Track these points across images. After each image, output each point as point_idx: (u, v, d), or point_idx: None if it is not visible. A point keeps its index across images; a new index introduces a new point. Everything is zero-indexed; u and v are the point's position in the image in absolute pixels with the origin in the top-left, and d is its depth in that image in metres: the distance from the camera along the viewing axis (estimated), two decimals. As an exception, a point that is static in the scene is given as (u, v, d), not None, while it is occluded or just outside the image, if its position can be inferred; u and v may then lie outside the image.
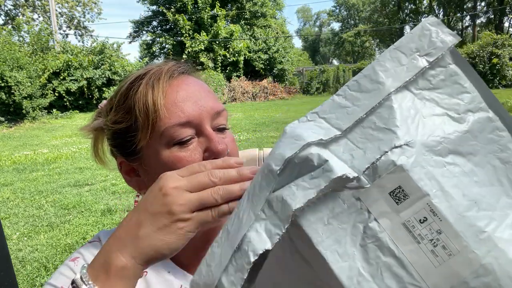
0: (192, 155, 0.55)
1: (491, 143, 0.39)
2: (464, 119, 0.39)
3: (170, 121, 0.54)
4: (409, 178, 0.35)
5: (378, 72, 0.39)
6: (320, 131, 0.39)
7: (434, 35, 0.39)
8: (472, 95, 0.40)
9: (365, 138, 0.38)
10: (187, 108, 0.55)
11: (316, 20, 71.40)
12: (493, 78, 20.12)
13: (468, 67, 0.41)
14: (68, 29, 29.63)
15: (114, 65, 16.63)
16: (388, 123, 0.38)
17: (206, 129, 0.56)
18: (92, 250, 0.63)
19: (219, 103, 0.61)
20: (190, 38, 20.96)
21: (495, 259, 0.34)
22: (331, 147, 0.38)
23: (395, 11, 46.07)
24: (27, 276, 2.67)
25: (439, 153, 0.37)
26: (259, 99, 20.14)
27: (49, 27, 19.14)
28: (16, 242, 3.25)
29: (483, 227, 0.35)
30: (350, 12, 56.79)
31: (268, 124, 10.29)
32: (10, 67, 12.01)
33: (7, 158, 6.98)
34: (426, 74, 0.40)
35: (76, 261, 0.61)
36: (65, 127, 11.64)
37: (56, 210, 4.03)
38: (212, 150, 0.55)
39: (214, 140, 0.55)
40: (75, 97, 15.84)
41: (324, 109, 0.41)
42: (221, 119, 0.60)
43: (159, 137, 0.55)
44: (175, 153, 0.55)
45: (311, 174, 0.36)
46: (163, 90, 0.56)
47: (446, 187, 0.36)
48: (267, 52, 22.11)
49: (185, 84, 0.58)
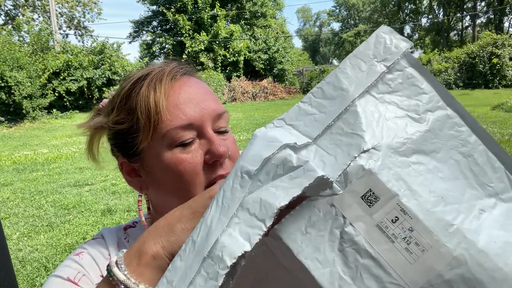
0: (193, 157, 0.55)
1: (452, 139, 0.41)
2: (424, 119, 0.41)
3: (172, 124, 0.55)
4: (378, 181, 0.37)
5: (341, 79, 0.41)
6: (291, 137, 0.39)
7: (388, 42, 0.42)
8: (429, 95, 0.42)
9: (335, 144, 0.39)
10: (188, 111, 0.56)
11: (316, 20, 71.41)
12: (493, 78, 20.12)
13: (423, 70, 0.43)
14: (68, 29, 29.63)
15: (114, 65, 16.63)
16: (355, 128, 0.39)
17: (207, 132, 0.57)
18: (96, 246, 0.63)
19: (221, 105, 0.61)
20: (190, 38, 20.96)
21: (466, 250, 0.36)
22: (303, 153, 0.39)
23: (395, 11, 46.05)
24: (27, 276, 2.67)
25: (404, 153, 0.39)
26: (259, 99, 20.13)
27: (49, 27, 19.14)
28: (16, 242, 3.25)
29: (451, 220, 0.37)
30: (350, 12, 56.78)
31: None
32: (10, 67, 12.01)
33: (7, 158, 6.98)
34: (385, 78, 0.42)
35: (81, 255, 0.61)
36: (65, 127, 11.64)
37: (56, 210, 4.03)
38: (213, 153, 0.55)
39: (215, 142, 0.56)
40: (75, 97, 15.84)
41: (291, 116, 0.41)
42: (222, 122, 0.60)
43: (161, 138, 0.56)
44: (176, 155, 0.55)
45: (290, 175, 0.36)
46: (165, 91, 0.56)
47: (413, 185, 0.37)
48: (267, 52, 22.11)
49: (187, 85, 0.58)
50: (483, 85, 20.38)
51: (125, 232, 0.67)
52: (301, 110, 0.41)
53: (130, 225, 0.69)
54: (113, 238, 0.65)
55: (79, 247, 0.64)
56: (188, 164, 0.55)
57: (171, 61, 0.63)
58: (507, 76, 19.97)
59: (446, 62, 22.17)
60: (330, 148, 0.39)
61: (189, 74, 0.62)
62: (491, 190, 0.40)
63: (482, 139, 0.42)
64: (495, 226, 0.38)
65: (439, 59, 22.55)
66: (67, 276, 0.56)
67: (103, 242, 0.64)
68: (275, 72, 22.50)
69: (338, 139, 0.39)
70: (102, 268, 0.60)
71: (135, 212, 3.80)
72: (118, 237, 0.66)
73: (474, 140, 0.42)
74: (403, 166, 0.38)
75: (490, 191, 0.40)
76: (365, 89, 0.41)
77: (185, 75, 0.61)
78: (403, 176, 0.38)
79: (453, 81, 21.36)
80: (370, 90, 0.41)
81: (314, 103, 0.41)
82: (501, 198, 0.40)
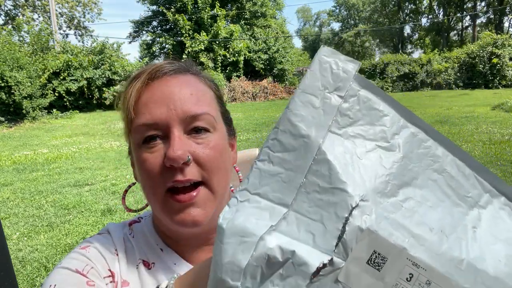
0: (154, 157, 0.55)
1: (424, 158, 0.38)
2: (394, 145, 0.38)
3: (138, 121, 0.56)
4: (380, 239, 0.33)
5: (297, 123, 0.36)
6: (262, 213, 0.34)
7: (335, 66, 0.38)
8: (390, 116, 0.38)
9: (316, 206, 0.34)
10: (155, 110, 0.55)
11: (316, 20, 71.40)
12: (493, 78, 20.12)
13: (375, 88, 0.39)
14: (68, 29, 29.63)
15: (114, 65, 16.63)
16: (332, 180, 0.34)
17: (171, 133, 0.55)
18: (103, 240, 0.63)
19: (201, 106, 0.57)
20: (190, 38, 20.96)
21: (483, 284, 0.34)
22: (283, 229, 0.33)
23: (395, 11, 46.03)
24: (27, 276, 2.67)
25: (392, 193, 0.35)
26: (259, 99, 20.13)
27: (49, 27, 19.14)
28: (16, 242, 3.25)
29: (459, 255, 0.34)
30: (350, 12, 56.76)
31: (268, 124, 10.29)
32: (10, 67, 12.00)
33: (7, 158, 6.98)
34: (342, 109, 0.37)
35: (87, 249, 0.60)
36: (65, 127, 11.64)
37: (56, 210, 4.03)
38: (168, 156, 0.53)
39: (171, 145, 0.53)
40: (75, 97, 15.84)
41: (253, 182, 0.35)
42: (199, 123, 0.57)
43: (132, 135, 0.58)
44: (142, 153, 0.57)
45: (279, 273, 0.32)
46: (139, 89, 0.58)
47: (414, 229, 0.34)
48: (267, 52, 22.11)
49: (164, 85, 0.58)
50: (483, 85, 20.38)
51: (130, 228, 0.67)
52: (263, 172, 0.35)
53: (135, 220, 0.70)
54: (119, 234, 0.65)
55: (85, 241, 0.63)
56: (149, 164, 0.55)
57: (167, 60, 0.63)
58: (507, 76, 19.97)
59: (446, 62, 22.17)
60: (312, 213, 0.34)
61: (179, 73, 0.60)
62: (471, 200, 0.38)
63: (446, 147, 0.39)
64: (491, 241, 0.36)
65: (439, 59, 22.54)
66: (76, 268, 0.55)
67: (109, 237, 0.64)
68: (275, 72, 22.49)
69: (318, 199, 0.34)
70: (110, 263, 0.60)
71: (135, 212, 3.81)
72: (123, 233, 0.66)
73: (442, 152, 0.39)
74: (396, 210, 0.35)
75: (471, 201, 0.38)
76: (327, 130, 0.36)
77: (172, 74, 0.60)
78: (401, 221, 0.34)
79: (453, 81, 21.35)
80: (331, 128, 0.36)
81: (275, 160, 0.35)
82: (480, 205, 0.38)
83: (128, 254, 0.62)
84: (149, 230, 0.66)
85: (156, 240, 0.64)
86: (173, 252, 0.63)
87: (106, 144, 8.23)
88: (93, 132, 10.25)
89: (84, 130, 10.82)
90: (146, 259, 0.62)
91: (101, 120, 13.07)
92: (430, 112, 10.99)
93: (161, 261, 0.62)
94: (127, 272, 0.60)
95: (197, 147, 0.56)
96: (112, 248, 0.62)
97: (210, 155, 0.57)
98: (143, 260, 0.62)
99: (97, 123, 12.28)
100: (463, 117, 9.37)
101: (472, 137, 6.73)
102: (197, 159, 0.55)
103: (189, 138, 0.56)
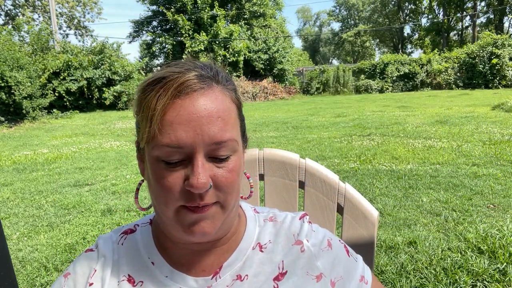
0: (173, 178, 0.54)
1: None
2: None
3: (161, 140, 0.54)
4: None
5: None
6: None
7: None
8: None
9: None
10: (181, 132, 0.54)
11: (316, 20, 71.39)
12: (493, 78, 20.12)
13: None
14: (68, 29, 29.64)
15: (114, 65, 16.62)
16: None
17: (195, 158, 0.54)
18: (85, 263, 0.64)
19: (226, 131, 0.56)
20: (190, 38, 20.97)
21: None
22: None
23: (395, 11, 46.03)
24: (27, 276, 2.67)
25: None
26: (259, 99, 20.14)
27: (49, 27, 19.14)
28: (16, 242, 3.25)
29: None
30: (350, 12, 56.76)
31: (268, 124, 10.29)
32: (10, 67, 12.01)
33: (7, 158, 6.98)
34: None
35: (67, 278, 0.62)
36: (65, 127, 11.64)
37: (56, 210, 4.03)
38: (190, 183, 0.53)
39: (194, 173, 0.53)
40: (75, 97, 15.85)
41: None
42: (223, 150, 0.56)
43: (151, 148, 0.56)
44: (161, 169, 0.55)
45: None
46: (164, 106, 0.54)
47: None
48: (267, 52, 22.12)
49: (191, 105, 0.55)
50: (483, 85, 20.39)
51: (122, 237, 0.67)
52: None
53: (131, 228, 0.69)
54: (108, 247, 0.65)
55: (71, 264, 0.65)
56: (167, 182, 0.54)
57: (198, 67, 0.59)
58: (507, 76, 19.97)
59: (446, 62, 22.17)
60: None
61: (208, 88, 0.57)
62: None
63: None
64: None
65: (439, 59, 22.55)
66: None
67: (94, 256, 0.65)
68: (275, 72, 22.50)
69: None
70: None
71: (135, 212, 3.80)
72: (112, 245, 0.66)
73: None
74: None
75: None
76: None
77: (201, 90, 0.56)
78: None
79: (453, 81, 21.36)
80: None
81: None
82: None
83: (112, 271, 0.63)
84: (144, 239, 0.66)
85: (148, 252, 0.64)
86: (164, 263, 0.63)
87: (106, 144, 8.23)
88: (93, 132, 10.25)
89: (84, 130, 10.82)
90: (132, 275, 0.62)
91: (101, 120, 13.07)
92: (430, 112, 10.99)
93: (150, 277, 0.62)
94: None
95: (217, 171, 0.56)
96: (91, 272, 0.62)
97: (229, 179, 0.57)
98: (128, 275, 0.62)
99: (97, 123, 12.28)
100: (463, 117, 9.37)
101: (472, 137, 6.73)
102: (216, 183, 0.55)
103: (210, 161, 0.56)
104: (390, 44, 49.03)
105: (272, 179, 1.01)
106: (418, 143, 6.51)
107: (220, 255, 0.63)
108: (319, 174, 0.97)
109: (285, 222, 0.69)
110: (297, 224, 0.69)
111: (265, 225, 0.69)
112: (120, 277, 0.61)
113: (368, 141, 6.91)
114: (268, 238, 0.67)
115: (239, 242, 0.65)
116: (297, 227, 0.68)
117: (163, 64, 0.62)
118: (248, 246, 0.65)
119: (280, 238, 0.67)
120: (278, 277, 0.62)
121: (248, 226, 0.68)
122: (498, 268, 2.28)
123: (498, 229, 2.83)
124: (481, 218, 3.13)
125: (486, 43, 20.59)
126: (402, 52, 41.47)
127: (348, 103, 16.13)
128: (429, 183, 4.19)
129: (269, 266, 0.63)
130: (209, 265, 0.62)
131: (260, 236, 0.67)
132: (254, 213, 0.71)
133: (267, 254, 0.65)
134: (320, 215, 0.97)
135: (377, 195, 3.88)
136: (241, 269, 0.62)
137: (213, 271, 0.62)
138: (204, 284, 0.61)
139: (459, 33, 42.38)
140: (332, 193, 0.96)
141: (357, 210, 0.93)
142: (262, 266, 0.63)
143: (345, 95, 21.52)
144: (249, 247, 0.65)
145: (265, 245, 0.66)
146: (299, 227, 0.68)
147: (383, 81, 22.74)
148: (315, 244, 0.66)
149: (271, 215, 0.72)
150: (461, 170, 4.65)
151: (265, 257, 0.64)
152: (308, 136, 7.82)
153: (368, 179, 4.49)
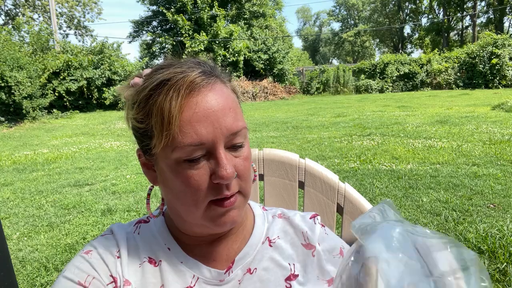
0: (199, 174, 0.56)
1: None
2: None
3: (183, 141, 0.54)
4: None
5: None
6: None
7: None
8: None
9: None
10: (201, 129, 0.55)
11: (316, 20, 71.39)
12: (493, 78, 20.12)
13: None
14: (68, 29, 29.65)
15: (113, 65, 16.63)
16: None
17: (217, 152, 0.56)
18: (105, 243, 0.63)
19: (239, 120, 0.59)
20: (190, 38, 20.97)
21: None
22: None
23: (395, 11, 46.04)
24: (27, 276, 2.67)
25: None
26: (259, 99, 20.14)
27: (49, 27, 19.14)
28: (16, 242, 3.25)
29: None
30: (350, 12, 56.77)
31: (268, 124, 10.29)
32: (10, 67, 12.01)
33: (7, 158, 6.98)
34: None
35: (90, 254, 0.61)
36: (65, 127, 11.64)
37: (56, 210, 4.03)
38: (217, 175, 0.55)
39: (221, 165, 0.55)
40: (75, 97, 15.85)
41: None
42: (238, 138, 0.59)
43: (170, 151, 0.56)
44: (184, 170, 0.56)
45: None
46: (180, 106, 0.54)
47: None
48: (267, 52, 22.11)
49: (203, 101, 0.56)
50: (483, 85, 20.38)
51: (136, 226, 0.68)
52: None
53: (144, 219, 0.70)
54: (123, 233, 0.65)
55: (88, 244, 0.64)
56: (194, 180, 0.56)
57: (195, 65, 0.60)
58: (507, 76, 19.96)
59: (446, 62, 22.16)
60: None
61: (212, 82, 0.59)
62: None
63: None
64: None
65: (439, 59, 22.54)
66: (78, 280, 0.57)
67: (112, 239, 0.64)
68: (275, 72, 22.49)
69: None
70: (112, 268, 0.60)
71: (135, 212, 3.80)
72: (127, 232, 0.66)
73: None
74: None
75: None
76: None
77: (208, 85, 0.58)
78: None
79: (453, 81, 21.35)
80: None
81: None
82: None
83: (131, 253, 0.63)
84: (158, 229, 0.67)
85: (164, 238, 0.65)
86: (180, 250, 0.64)
87: (106, 144, 8.23)
88: (93, 132, 10.25)
89: (84, 130, 10.82)
90: (152, 257, 0.63)
91: (101, 120, 13.08)
92: (430, 112, 10.99)
93: (168, 259, 0.63)
94: (129, 272, 0.61)
95: (237, 161, 0.59)
96: (115, 250, 0.62)
97: (246, 166, 0.60)
98: (149, 257, 0.63)
99: (97, 123, 12.28)
100: (463, 117, 9.37)
101: (472, 137, 6.73)
102: (238, 172, 0.58)
103: (229, 152, 0.58)
104: (390, 44, 49.03)
105: (272, 179, 1.01)
106: (418, 143, 6.51)
107: (229, 245, 0.66)
108: (319, 174, 0.97)
109: (295, 219, 0.71)
110: (307, 222, 0.70)
111: (274, 221, 0.71)
112: (142, 259, 0.63)
113: (368, 141, 6.91)
114: (277, 234, 0.69)
115: (247, 234, 0.68)
116: (307, 226, 0.70)
117: (158, 67, 0.61)
118: (258, 241, 0.67)
119: (289, 235, 0.69)
120: (290, 277, 0.64)
121: (256, 222, 0.70)
122: (498, 268, 2.28)
123: (498, 229, 2.83)
124: (481, 218, 3.13)
125: (486, 43, 20.57)
126: (402, 52, 41.45)
127: (348, 103, 16.13)
128: (429, 183, 4.19)
129: (278, 261, 0.65)
130: (219, 254, 0.65)
131: (269, 231, 0.69)
132: (262, 211, 0.73)
133: (276, 249, 0.67)
134: (320, 215, 0.97)
135: (377, 195, 3.88)
136: (251, 263, 0.64)
137: (224, 262, 0.64)
138: (217, 276, 0.62)
139: (459, 33, 42.40)
140: (332, 193, 0.96)
141: (357, 210, 0.93)
142: (271, 260, 0.65)
143: (345, 95, 21.52)
144: (258, 242, 0.67)
145: (274, 240, 0.68)
146: (309, 227, 0.69)
147: (383, 81, 22.73)
148: (327, 250, 0.67)
149: (279, 212, 0.74)
150: (461, 170, 4.65)
151: (274, 252, 0.66)
152: (308, 136, 7.82)
153: (368, 179, 4.49)
